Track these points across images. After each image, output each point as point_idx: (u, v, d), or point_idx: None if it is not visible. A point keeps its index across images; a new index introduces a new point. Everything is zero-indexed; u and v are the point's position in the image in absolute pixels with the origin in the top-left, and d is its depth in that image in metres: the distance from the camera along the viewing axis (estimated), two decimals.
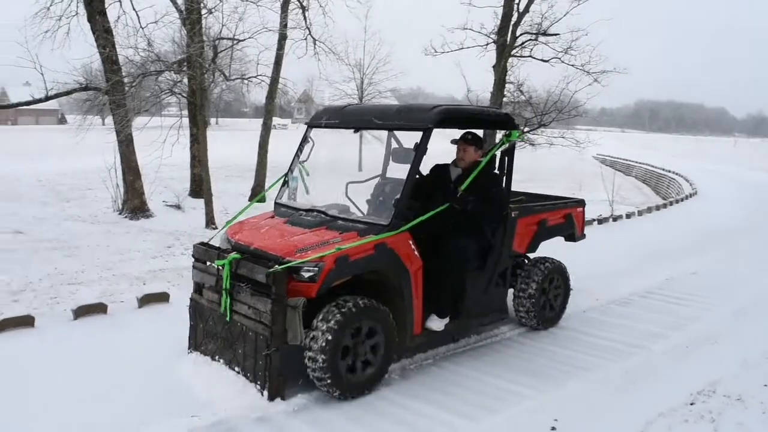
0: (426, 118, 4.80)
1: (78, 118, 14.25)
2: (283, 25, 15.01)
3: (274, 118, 17.87)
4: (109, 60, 11.97)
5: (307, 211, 5.06)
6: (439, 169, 5.61)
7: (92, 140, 12.85)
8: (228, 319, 4.50)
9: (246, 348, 4.38)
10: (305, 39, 16.00)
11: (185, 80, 13.17)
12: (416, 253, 4.72)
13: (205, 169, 12.28)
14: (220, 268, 4.49)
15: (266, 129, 16.08)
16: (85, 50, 12.87)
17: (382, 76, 25.45)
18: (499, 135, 6.14)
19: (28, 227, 10.98)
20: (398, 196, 4.72)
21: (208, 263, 4.72)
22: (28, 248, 9.26)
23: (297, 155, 5.59)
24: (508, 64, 13.85)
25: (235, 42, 13.21)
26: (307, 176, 5.55)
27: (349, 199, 5.58)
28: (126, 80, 12.14)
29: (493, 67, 13.97)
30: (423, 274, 4.79)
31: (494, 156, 5.38)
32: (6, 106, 12.95)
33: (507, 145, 5.38)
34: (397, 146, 5.74)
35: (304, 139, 5.61)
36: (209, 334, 4.76)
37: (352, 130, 5.39)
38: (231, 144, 27.80)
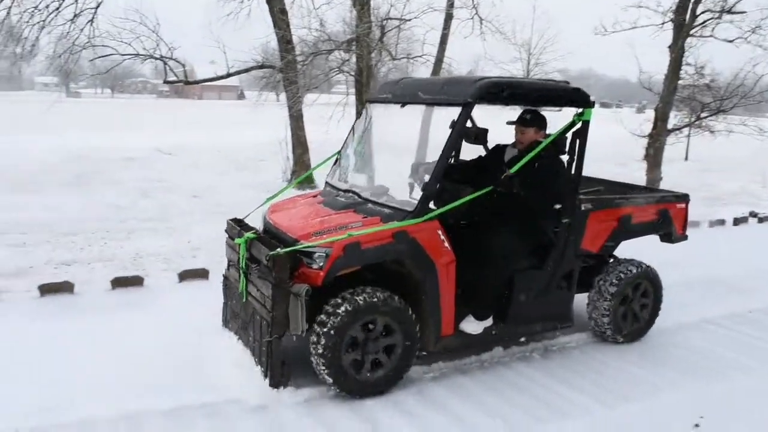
0: (466, 91, 4.30)
1: (255, 94, 15.22)
2: (450, 5, 15.02)
3: None
4: (284, 40, 12.67)
5: (344, 191, 4.77)
6: (496, 151, 5.12)
7: (267, 115, 13.67)
8: (244, 300, 4.41)
9: (254, 332, 4.29)
10: (471, 18, 15.83)
11: (353, 59, 13.60)
12: (446, 244, 4.23)
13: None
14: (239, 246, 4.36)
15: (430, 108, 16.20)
16: (263, 31, 13.69)
17: (549, 56, 24.71)
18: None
19: (204, 192, 11.94)
20: (427, 179, 4.30)
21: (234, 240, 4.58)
22: (204, 211, 10.07)
23: (352, 132, 5.27)
24: (686, 44, 12.93)
25: (402, 22, 13.44)
26: (361, 155, 5.17)
27: (413, 181, 5.02)
28: (299, 59, 12.79)
29: (669, 47, 13.09)
30: (458, 269, 4.32)
31: (563, 138, 4.69)
32: (194, 82, 14.10)
33: (578, 125, 4.64)
34: (470, 125, 5.26)
35: (362, 116, 5.29)
36: (233, 313, 4.76)
37: (400, 105, 4.87)
38: (397, 123, 28.32)
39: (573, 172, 4.68)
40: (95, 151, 17.56)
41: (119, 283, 6.05)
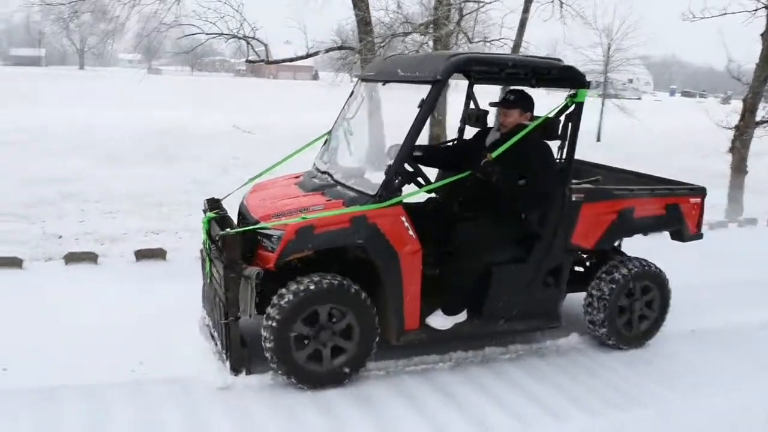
0: (437, 68, 3.96)
1: (330, 75, 15.44)
2: None
3: None
4: (363, 21, 12.82)
5: (322, 173, 4.54)
6: (481, 134, 4.77)
7: (342, 96, 13.87)
8: (208, 281, 4.26)
9: (216, 314, 4.14)
10: (551, 2, 15.63)
11: (430, 42, 13.63)
12: (411, 232, 3.93)
13: (442, 130, 12.77)
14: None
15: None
16: (342, 12, 13.88)
17: (631, 42, 24.04)
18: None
19: (281, 171, 12.25)
20: (391, 163, 3.97)
21: None
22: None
23: (342, 112, 4.93)
24: None
25: (480, 5, 13.39)
26: (350, 135, 4.78)
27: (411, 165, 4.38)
28: (376, 41, 12.92)
29: (762, 35, 12.57)
30: (427, 260, 4.08)
31: (551, 121, 4.32)
32: (274, 62, 14.42)
33: (571, 108, 4.24)
34: (473, 107, 5.05)
35: (352, 95, 4.92)
36: (205, 294, 4.61)
37: (381, 83, 4.64)
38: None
39: (564, 158, 4.32)
40: (178, 127, 18.22)
41: None
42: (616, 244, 5.02)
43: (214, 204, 4.54)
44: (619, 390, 4.14)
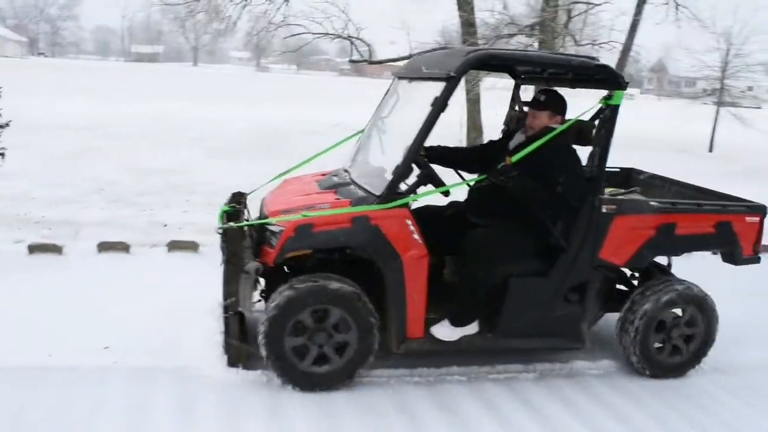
0: (452, 64, 3.79)
1: None
2: None
3: None
4: (467, 22, 12.73)
5: (345, 171, 4.44)
6: (508, 136, 4.53)
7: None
8: None
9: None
10: (666, 3, 14.99)
11: (536, 44, 13.38)
12: (416, 236, 3.78)
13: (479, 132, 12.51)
14: None
15: None
16: (446, 13, 13.85)
17: (753, 47, 22.60)
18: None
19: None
20: (398, 164, 3.80)
21: None
22: None
23: (378, 109, 4.77)
24: None
25: (590, 6, 12.99)
26: (382, 134, 4.63)
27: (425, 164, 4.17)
28: (480, 42, 12.79)
29: None
30: (437, 267, 4.01)
31: (584, 125, 4.11)
32: (377, 62, 14.58)
33: (606, 111, 3.95)
34: (517, 109, 4.77)
35: (388, 92, 4.75)
36: None
37: (408, 81, 4.49)
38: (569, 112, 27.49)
39: (594, 166, 4.02)
40: (284, 123, 18.70)
41: None
42: (666, 263, 4.71)
43: (237, 197, 4.57)
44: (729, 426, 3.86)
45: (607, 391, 4.16)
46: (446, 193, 3.93)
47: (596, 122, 4.10)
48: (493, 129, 13.29)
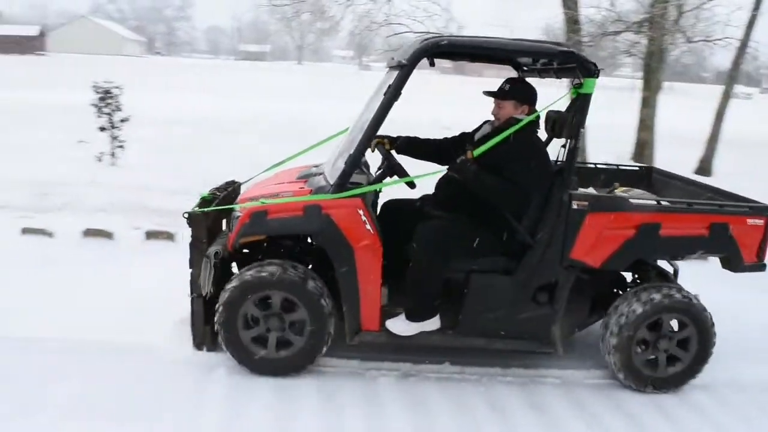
0: (407, 52, 3.76)
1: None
2: None
3: (737, 86, 16.32)
4: (572, 20, 12.43)
5: (324, 163, 4.44)
6: (479, 127, 4.32)
7: (542, 93, 13.57)
8: None
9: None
10: None
11: (643, 41, 12.91)
12: (369, 227, 3.73)
13: (650, 135, 12.06)
14: None
15: (726, 97, 14.83)
16: (551, 9, 13.58)
17: None
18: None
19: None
20: (351, 152, 3.77)
21: None
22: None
23: (369, 100, 4.59)
24: None
25: (703, 2, 12.42)
26: (359, 125, 4.42)
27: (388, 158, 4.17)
28: (584, 40, 12.49)
29: None
30: (399, 260, 3.92)
31: (558, 115, 3.93)
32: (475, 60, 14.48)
33: (577, 101, 3.74)
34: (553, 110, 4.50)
35: (381, 82, 4.55)
36: None
37: (387, 70, 4.39)
38: (683, 110, 26.34)
39: (564, 159, 3.84)
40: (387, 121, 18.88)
41: None
42: (673, 270, 4.36)
43: (229, 185, 4.65)
44: None
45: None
46: (411, 185, 3.90)
47: (556, 111, 3.98)
48: (596, 129, 12.99)
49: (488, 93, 4.06)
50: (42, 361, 3.95)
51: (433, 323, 3.96)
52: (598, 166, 5.23)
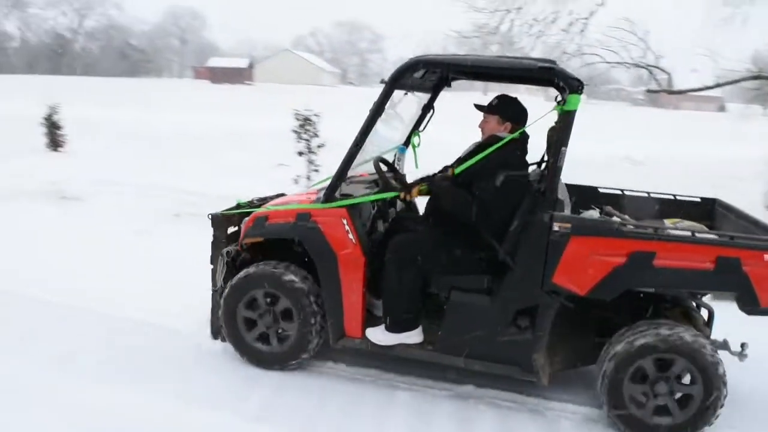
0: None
1: (739, 107, 14.09)
2: None
3: None
4: None
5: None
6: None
7: (753, 130, 12.55)
8: None
9: None
10: None
11: None
12: (351, 236, 3.93)
13: None
14: None
15: None
16: (760, 36, 12.58)
17: None
18: None
19: None
20: (338, 167, 4.04)
21: None
22: None
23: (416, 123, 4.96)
24: None
25: None
26: (417, 147, 4.92)
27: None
28: None
29: None
30: (368, 266, 4.00)
31: (551, 134, 3.90)
32: (677, 92, 13.66)
33: (561, 118, 3.61)
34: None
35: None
36: None
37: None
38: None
39: (545, 178, 3.71)
40: (575, 157, 18.41)
41: None
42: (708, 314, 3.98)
43: (278, 195, 4.97)
44: None
45: None
46: (401, 198, 4.07)
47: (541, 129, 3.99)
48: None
49: (476, 106, 4.18)
50: None
51: (414, 336, 4.06)
52: (652, 195, 4.88)
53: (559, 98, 3.80)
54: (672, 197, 4.83)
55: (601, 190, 4.96)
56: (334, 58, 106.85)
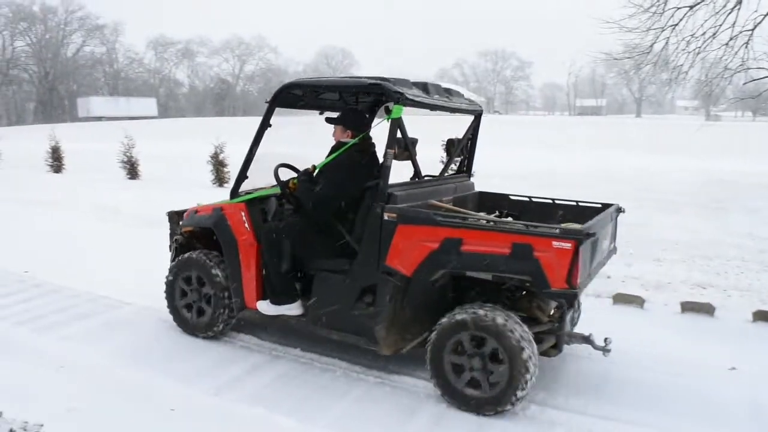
0: None
1: None
2: None
3: None
4: None
5: None
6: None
7: None
8: None
9: None
10: None
11: None
12: (247, 226, 4.83)
13: None
14: None
15: None
16: None
17: None
18: None
19: None
20: (238, 172, 4.93)
21: None
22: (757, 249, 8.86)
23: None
24: None
25: None
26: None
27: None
28: None
29: None
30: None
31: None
32: None
33: (391, 125, 4.18)
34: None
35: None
36: None
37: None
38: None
39: (376, 176, 4.34)
40: (734, 176, 17.26)
41: (759, 316, 5.82)
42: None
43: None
44: None
45: None
46: (287, 191, 4.73)
47: (416, 138, 4.64)
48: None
49: (327, 119, 4.77)
50: None
51: (294, 309, 4.67)
52: (557, 201, 5.23)
53: (387, 108, 4.32)
54: (575, 203, 5.15)
55: (511, 197, 5.47)
56: (479, 88, 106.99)
